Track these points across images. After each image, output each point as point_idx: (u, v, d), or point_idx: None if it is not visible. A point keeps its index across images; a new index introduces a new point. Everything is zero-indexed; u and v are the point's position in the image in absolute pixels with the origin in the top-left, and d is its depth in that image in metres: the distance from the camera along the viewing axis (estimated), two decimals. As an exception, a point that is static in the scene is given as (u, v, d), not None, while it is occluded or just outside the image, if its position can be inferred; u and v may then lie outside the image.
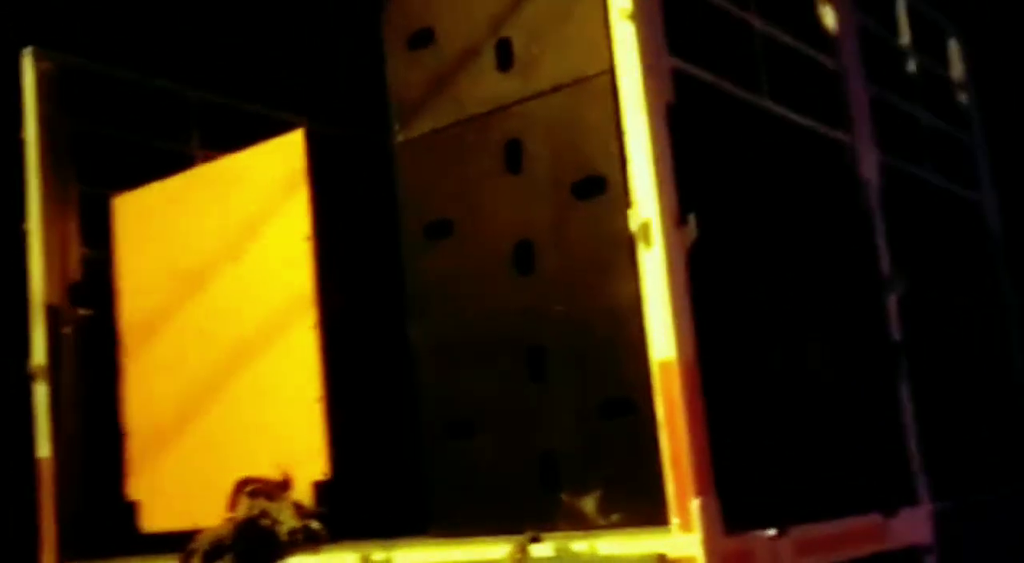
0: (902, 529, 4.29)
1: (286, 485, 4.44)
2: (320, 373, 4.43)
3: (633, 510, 3.48)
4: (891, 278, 4.70)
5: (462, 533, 3.74)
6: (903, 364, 4.62)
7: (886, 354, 4.61)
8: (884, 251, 4.73)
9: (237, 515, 4.35)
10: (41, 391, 5.14)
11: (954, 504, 4.70)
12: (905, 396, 4.62)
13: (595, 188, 3.63)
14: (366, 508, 4.41)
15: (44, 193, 5.28)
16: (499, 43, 3.91)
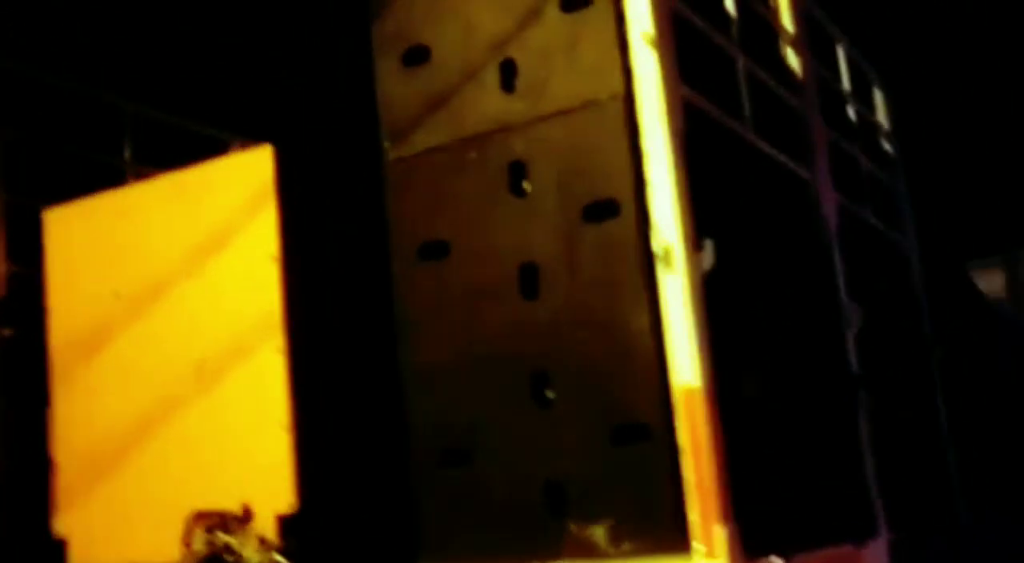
0: (870, 560, 4.37)
1: (247, 518, 4.22)
2: (287, 399, 4.23)
3: (645, 538, 3.41)
4: (847, 313, 4.83)
5: (456, 563, 3.61)
6: (863, 395, 4.74)
7: (847, 385, 4.72)
8: (842, 286, 4.86)
9: (196, 550, 4.12)
10: (-43, 417, 4.76)
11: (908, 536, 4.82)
12: (864, 428, 4.73)
13: (608, 211, 3.60)
14: (339, 541, 4.21)
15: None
16: (503, 64, 3.85)
